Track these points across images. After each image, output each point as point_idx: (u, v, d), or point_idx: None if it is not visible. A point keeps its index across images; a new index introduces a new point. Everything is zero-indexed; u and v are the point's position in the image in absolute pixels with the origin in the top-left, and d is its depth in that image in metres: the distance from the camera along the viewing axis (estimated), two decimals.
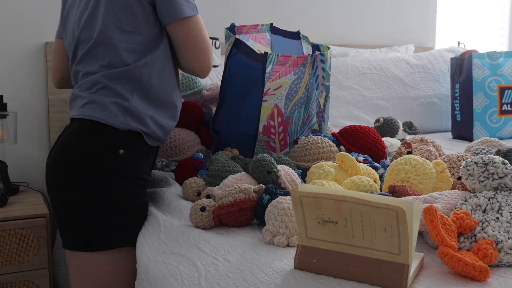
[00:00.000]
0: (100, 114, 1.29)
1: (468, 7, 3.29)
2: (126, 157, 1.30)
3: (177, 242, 1.11)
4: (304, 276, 0.87)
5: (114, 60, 1.31)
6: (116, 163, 1.28)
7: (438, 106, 2.57)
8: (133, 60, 1.31)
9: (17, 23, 2.15)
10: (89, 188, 1.26)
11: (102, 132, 1.29)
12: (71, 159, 1.29)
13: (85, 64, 1.35)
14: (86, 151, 1.28)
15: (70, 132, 1.33)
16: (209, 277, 0.93)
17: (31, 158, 2.21)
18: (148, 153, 1.39)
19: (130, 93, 1.31)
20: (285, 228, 1.03)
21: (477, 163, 1.01)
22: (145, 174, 1.37)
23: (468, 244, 0.92)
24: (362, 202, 0.80)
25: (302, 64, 1.58)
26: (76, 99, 1.35)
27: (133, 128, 1.31)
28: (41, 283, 1.82)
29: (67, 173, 1.28)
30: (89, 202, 1.26)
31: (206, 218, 1.14)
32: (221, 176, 1.35)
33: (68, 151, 1.30)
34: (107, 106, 1.29)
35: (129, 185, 1.30)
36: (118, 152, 1.29)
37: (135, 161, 1.32)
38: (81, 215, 1.27)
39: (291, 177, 1.28)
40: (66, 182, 1.28)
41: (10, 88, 2.15)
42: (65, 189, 1.28)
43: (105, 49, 1.31)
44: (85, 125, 1.31)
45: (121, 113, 1.30)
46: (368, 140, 1.56)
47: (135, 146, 1.33)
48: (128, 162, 1.30)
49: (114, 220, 1.28)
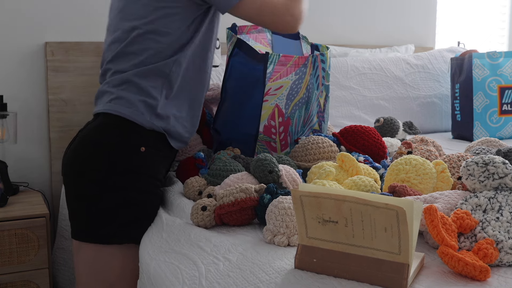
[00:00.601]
0: (127, 111, 1.31)
1: (468, 7, 3.29)
2: (146, 155, 1.32)
3: (178, 240, 1.11)
4: (304, 275, 0.87)
5: (146, 59, 1.34)
6: (136, 160, 1.30)
7: (438, 106, 2.57)
8: (164, 58, 1.34)
9: (17, 23, 2.15)
10: (107, 182, 1.27)
11: (127, 128, 1.31)
12: (92, 151, 1.30)
13: (116, 63, 1.37)
14: (108, 145, 1.30)
15: (94, 125, 1.35)
16: (210, 276, 0.93)
17: (31, 158, 2.21)
18: (167, 155, 1.41)
19: (159, 92, 1.34)
20: (285, 228, 1.03)
21: (478, 163, 1.01)
22: (161, 175, 1.38)
23: (468, 244, 0.92)
24: (363, 201, 0.80)
25: (303, 65, 1.58)
26: (103, 94, 1.38)
27: (157, 128, 1.34)
28: (41, 283, 1.82)
29: (86, 165, 1.30)
30: (105, 195, 1.28)
31: (207, 218, 1.14)
32: (222, 175, 1.36)
33: (90, 144, 1.31)
34: (135, 103, 1.32)
35: (145, 183, 1.32)
36: (139, 149, 1.30)
37: (154, 160, 1.34)
38: (95, 207, 1.28)
39: (293, 176, 1.28)
40: (85, 174, 1.29)
41: (10, 88, 2.15)
42: (83, 181, 1.29)
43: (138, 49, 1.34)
44: (111, 120, 1.33)
45: (147, 112, 1.32)
46: (369, 140, 1.56)
47: (156, 146, 1.35)
48: (147, 161, 1.32)
49: (127, 215, 1.29)
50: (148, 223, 1.30)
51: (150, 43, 1.34)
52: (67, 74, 2.20)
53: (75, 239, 1.33)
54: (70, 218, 1.34)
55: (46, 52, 2.16)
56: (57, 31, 2.21)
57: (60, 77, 2.19)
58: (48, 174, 2.24)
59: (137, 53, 1.35)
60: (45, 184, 2.24)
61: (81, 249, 1.32)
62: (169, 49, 1.35)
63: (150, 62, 1.34)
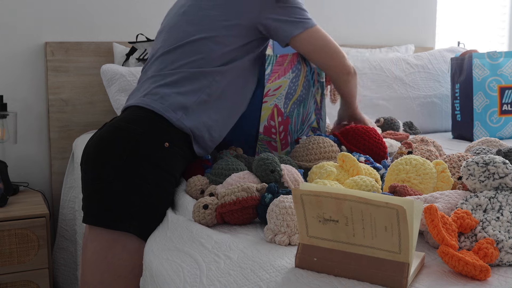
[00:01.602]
0: (159, 106, 1.34)
1: (468, 7, 3.29)
2: (169, 151, 1.33)
3: (181, 238, 1.12)
4: (305, 274, 0.87)
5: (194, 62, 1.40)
6: (158, 153, 1.32)
7: (438, 106, 2.57)
8: (211, 66, 1.40)
9: (17, 23, 2.15)
10: (124, 169, 1.28)
11: (155, 122, 1.34)
12: (116, 138, 1.31)
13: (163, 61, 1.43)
14: (133, 134, 1.31)
15: (123, 116, 1.38)
16: (211, 274, 0.93)
17: (31, 158, 2.21)
18: (187, 157, 1.42)
19: (195, 95, 1.38)
20: (286, 227, 1.03)
21: (478, 163, 1.01)
22: (177, 173, 1.39)
23: (468, 244, 0.92)
24: (363, 200, 0.80)
25: (297, 61, 1.60)
26: (138, 90, 1.43)
27: (185, 128, 1.36)
28: (41, 283, 1.82)
29: (108, 150, 1.30)
30: (120, 182, 1.28)
31: (209, 216, 1.14)
32: (224, 174, 1.36)
33: (117, 132, 1.33)
34: (168, 99, 1.35)
35: (161, 178, 1.32)
36: (163, 144, 1.32)
37: (176, 159, 1.35)
38: (108, 192, 1.28)
39: (294, 176, 1.28)
40: (105, 158, 1.30)
41: (10, 88, 2.15)
42: (103, 165, 1.30)
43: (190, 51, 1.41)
44: (141, 112, 1.35)
45: (179, 110, 1.35)
46: (369, 141, 1.56)
47: (180, 145, 1.37)
48: (169, 157, 1.34)
49: (138, 205, 1.29)
50: (156, 219, 1.30)
51: (203, 48, 1.40)
52: (67, 74, 2.20)
53: (85, 223, 1.33)
54: (83, 202, 1.35)
55: (46, 52, 2.16)
56: (57, 31, 2.21)
57: (60, 77, 2.19)
58: (48, 174, 2.24)
59: (188, 54, 1.41)
60: (45, 184, 2.24)
61: (93, 237, 1.32)
62: (218, 59, 1.41)
63: (196, 66, 1.40)
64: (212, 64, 1.41)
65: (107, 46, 2.27)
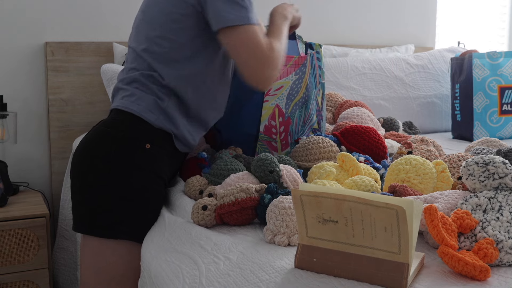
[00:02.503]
0: (137, 107, 1.34)
1: (468, 7, 3.29)
2: (151, 152, 1.33)
3: (179, 239, 1.11)
4: (304, 275, 0.87)
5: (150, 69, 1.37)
6: (140, 156, 1.31)
7: (438, 106, 2.57)
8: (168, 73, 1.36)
9: (17, 23, 2.15)
10: (109, 175, 1.29)
11: (134, 124, 1.33)
12: (99, 144, 1.32)
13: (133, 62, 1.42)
14: (114, 139, 1.31)
15: (105, 120, 1.39)
16: (210, 275, 0.93)
17: (31, 158, 2.21)
18: (173, 156, 1.41)
19: (167, 96, 1.37)
20: (286, 228, 1.03)
21: (478, 163, 1.01)
22: (164, 174, 1.38)
23: (468, 244, 0.92)
24: (363, 201, 0.80)
25: (302, 64, 1.59)
26: (118, 91, 1.42)
27: (165, 127, 1.35)
28: (41, 283, 1.82)
29: (92, 157, 1.31)
30: (107, 188, 1.28)
31: (208, 217, 1.14)
32: (223, 174, 1.36)
33: (98, 137, 1.34)
34: (145, 101, 1.35)
35: (148, 181, 1.32)
36: (144, 146, 1.32)
37: (158, 158, 1.35)
38: (96, 199, 1.29)
39: (293, 176, 1.28)
40: (90, 166, 1.31)
41: (10, 88, 2.15)
42: (87, 172, 1.31)
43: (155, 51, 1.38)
44: (121, 116, 1.35)
45: (156, 110, 1.35)
46: (369, 141, 1.56)
47: (162, 145, 1.36)
48: (151, 158, 1.33)
49: (125, 210, 1.29)
50: (148, 221, 1.30)
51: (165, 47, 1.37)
52: (67, 74, 2.20)
53: (75, 231, 1.34)
54: (72, 209, 1.36)
55: (46, 52, 2.16)
56: (57, 31, 2.21)
57: (60, 77, 2.19)
58: (48, 174, 2.24)
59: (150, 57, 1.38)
60: (45, 184, 2.24)
61: (85, 243, 1.33)
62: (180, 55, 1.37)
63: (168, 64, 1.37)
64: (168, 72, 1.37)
65: (107, 46, 2.27)
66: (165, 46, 1.36)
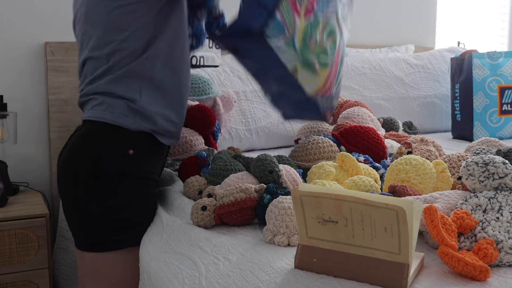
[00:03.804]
0: (109, 115, 1.28)
1: (468, 7, 3.29)
2: (136, 157, 1.29)
3: (178, 240, 1.11)
4: (304, 275, 0.87)
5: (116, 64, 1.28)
6: (125, 163, 1.28)
7: (438, 106, 2.57)
8: (135, 56, 1.27)
9: (17, 23, 2.15)
10: (99, 189, 1.27)
11: (112, 133, 1.29)
12: (81, 161, 1.29)
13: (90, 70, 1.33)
14: (96, 152, 1.28)
15: (80, 134, 1.33)
16: (210, 276, 0.93)
17: (31, 158, 2.21)
18: (159, 153, 1.39)
19: (137, 93, 1.29)
20: (285, 228, 1.03)
21: (478, 163, 1.01)
22: (155, 174, 1.37)
23: (468, 244, 0.92)
24: (363, 201, 0.80)
25: None
26: (88, 101, 1.34)
27: (144, 128, 1.30)
28: (41, 283, 1.82)
29: (77, 175, 1.29)
30: (99, 202, 1.27)
31: (207, 217, 1.14)
32: (222, 175, 1.35)
33: (78, 153, 1.30)
34: (117, 107, 1.29)
35: (138, 186, 1.31)
36: (127, 152, 1.28)
37: (145, 161, 1.32)
38: (91, 216, 1.28)
39: (293, 176, 1.28)
40: (77, 184, 1.28)
41: (10, 88, 2.15)
42: (76, 191, 1.29)
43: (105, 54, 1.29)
44: (95, 127, 1.30)
45: (130, 114, 1.29)
46: (369, 140, 1.56)
47: (146, 147, 1.32)
48: (138, 163, 1.30)
49: (123, 220, 1.29)
50: (146, 224, 1.30)
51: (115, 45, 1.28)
52: (67, 74, 2.20)
53: (77, 249, 1.33)
54: (69, 227, 1.35)
55: (46, 52, 2.16)
56: (57, 31, 2.21)
57: (60, 77, 2.19)
58: (48, 174, 2.24)
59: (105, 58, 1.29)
60: (45, 184, 2.24)
61: (83, 257, 1.33)
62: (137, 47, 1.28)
63: (120, 66, 1.28)
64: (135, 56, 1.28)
65: None
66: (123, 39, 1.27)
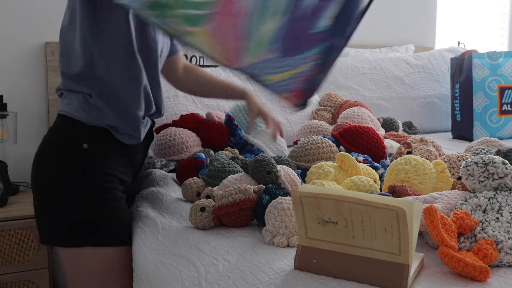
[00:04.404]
0: (69, 108, 1.31)
1: (468, 7, 3.29)
2: (91, 151, 1.29)
3: (176, 243, 1.11)
4: (304, 276, 0.87)
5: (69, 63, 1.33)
6: (80, 157, 1.29)
7: (438, 106, 2.57)
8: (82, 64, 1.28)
9: (17, 23, 2.15)
10: (56, 182, 1.27)
11: (70, 127, 1.31)
12: (41, 153, 1.33)
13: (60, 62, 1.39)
14: (53, 145, 1.31)
15: (50, 127, 1.38)
16: (209, 277, 0.93)
17: (31, 158, 2.20)
18: (120, 151, 1.36)
19: (92, 88, 1.30)
20: (285, 229, 1.02)
21: (477, 163, 1.01)
22: (114, 170, 1.33)
23: (468, 244, 0.92)
24: (363, 202, 0.80)
25: None
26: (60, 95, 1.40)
27: (100, 124, 1.30)
28: (41, 283, 1.82)
29: (38, 168, 1.31)
30: (56, 195, 1.27)
31: (206, 219, 1.14)
32: (220, 176, 1.35)
33: (41, 145, 1.34)
34: (76, 100, 1.31)
35: (95, 180, 1.29)
36: (81, 146, 1.29)
37: (102, 156, 1.31)
38: (54, 209, 1.28)
39: (291, 177, 1.28)
40: (38, 177, 1.31)
41: (10, 88, 2.15)
42: (37, 184, 1.31)
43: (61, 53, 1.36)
44: (59, 120, 1.34)
45: (87, 108, 1.30)
46: (368, 141, 1.56)
47: (102, 142, 1.32)
48: (93, 157, 1.30)
49: (82, 215, 1.27)
50: (110, 224, 1.28)
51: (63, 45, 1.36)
52: None
53: (42, 243, 1.34)
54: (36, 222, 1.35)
55: (46, 52, 2.16)
56: (57, 31, 2.20)
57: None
58: None
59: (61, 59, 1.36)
60: None
61: (60, 253, 1.34)
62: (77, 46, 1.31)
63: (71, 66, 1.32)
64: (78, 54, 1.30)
65: None
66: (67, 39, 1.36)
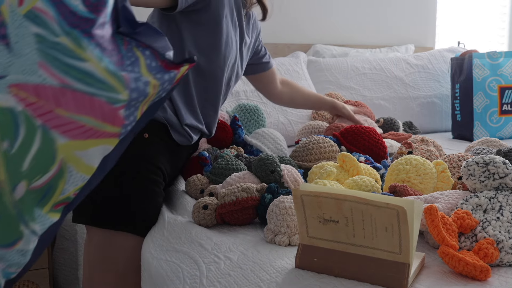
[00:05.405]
0: None
1: (468, 7, 3.29)
2: (149, 142, 1.33)
3: (179, 238, 1.11)
4: (305, 275, 0.87)
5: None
6: (138, 145, 1.30)
7: (438, 106, 2.57)
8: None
9: None
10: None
11: None
12: None
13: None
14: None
15: None
16: (211, 275, 0.93)
17: None
18: (172, 149, 1.40)
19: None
20: (286, 227, 1.03)
21: (478, 163, 1.01)
22: (162, 164, 1.37)
23: (468, 244, 0.92)
24: (363, 201, 0.81)
25: None
26: None
27: (159, 118, 1.35)
28: (41, 283, 1.82)
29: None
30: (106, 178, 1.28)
31: (209, 216, 1.14)
32: (224, 174, 1.36)
33: None
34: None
35: (145, 169, 1.32)
36: (143, 135, 1.32)
37: (155, 148, 1.35)
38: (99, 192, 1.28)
39: (294, 176, 1.28)
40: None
41: None
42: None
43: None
44: None
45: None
46: (369, 141, 1.56)
47: (159, 136, 1.36)
48: (149, 147, 1.33)
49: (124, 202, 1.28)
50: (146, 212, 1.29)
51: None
52: None
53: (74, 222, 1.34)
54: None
55: None
56: None
57: None
58: None
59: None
60: None
61: (90, 237, 1.33)
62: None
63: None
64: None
65: None
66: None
